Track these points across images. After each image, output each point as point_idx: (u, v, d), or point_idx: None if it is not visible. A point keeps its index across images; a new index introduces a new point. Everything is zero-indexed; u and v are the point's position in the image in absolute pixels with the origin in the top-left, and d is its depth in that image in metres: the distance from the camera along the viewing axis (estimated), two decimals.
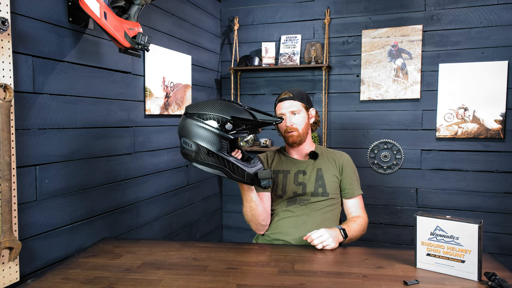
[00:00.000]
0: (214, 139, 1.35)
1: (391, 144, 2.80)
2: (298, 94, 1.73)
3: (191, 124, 1.37)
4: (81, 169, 1.68)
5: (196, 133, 1.36)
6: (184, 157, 1.44)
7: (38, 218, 1.45)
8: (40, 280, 1.24)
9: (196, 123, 1.36)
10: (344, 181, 1.75)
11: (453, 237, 1.23)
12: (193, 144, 1.36)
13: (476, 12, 2.60)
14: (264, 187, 1.44)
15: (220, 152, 1.35)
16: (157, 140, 2.28)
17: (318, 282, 1.21)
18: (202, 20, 2.87)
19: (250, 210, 1.61)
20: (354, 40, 2.86)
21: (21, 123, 1.38)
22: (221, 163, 1.37)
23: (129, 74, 2.01)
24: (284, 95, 1.74)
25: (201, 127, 1.35)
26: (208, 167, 1.39)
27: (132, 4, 1.60)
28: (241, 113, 1.36)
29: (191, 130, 1.37)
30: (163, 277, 1.25)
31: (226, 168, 1.38)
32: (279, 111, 1.74)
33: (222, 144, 1.35)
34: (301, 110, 1.72)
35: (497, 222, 2.60)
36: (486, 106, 2.56)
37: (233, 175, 1.39)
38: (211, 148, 1.35)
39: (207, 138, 1.35)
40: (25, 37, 1.39)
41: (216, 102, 1.40)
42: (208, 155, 1.36)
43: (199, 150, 1.36)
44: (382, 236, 2.85)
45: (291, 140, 1.72)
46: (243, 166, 1.40)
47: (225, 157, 1.36)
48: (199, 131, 1.35)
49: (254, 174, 1.42)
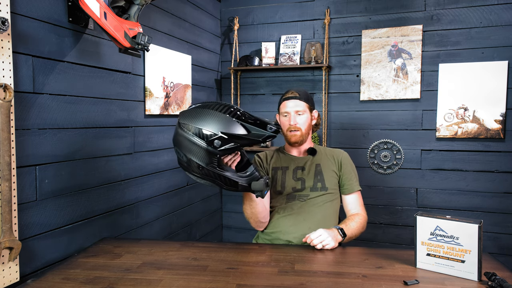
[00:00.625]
0: (203, 154, 1.30)
1: (391, 144, 2.80)
2: (304, 95, 1.75)
3: (182, 136, 1.33)
4: (81, 169, 1.68)
5: (186, 146, 1.32)
6: (180, 166, 1.42)
7: (38, 218, 1.45)
8: (40, 280, 1.23)
9: (186, 135, 1.31)
10: (343, 177, 1.76)
11: (453, 237, 1.23)
12: (184, 156, 1.34)
13: (476, 12, 2.60)
14: (258, 197, 1.42)
15: (209, 166, 1.31)
16: (157, 140, 2.28)
17: (318, 282, 1.21)
18: (202, 20, 2.87)
19: (250, 208, 1.62)
20: (354, 40, 2.86)
21: (21, 123, 1.38)
22: (211, 176, 1.33)
23: (129, 74, 2.01)
24: (290, 94, 1.75)
25: (189, 141, 1.30)
26: (201, 179, 1.37)
27: (132, 4, 1.60)
28: (233, 128, 1.27)
29: (181, 142, 1.33)
30: (163, 277, 1.25)
31: (218, 181, 1.35)
32: (284, 109, 1.75)
33: (212, 159, 1.30)
34: (306, 111, 1.74)
35: (497, 222, 2.60)
36: (486, 106, 2.56)
37: (225, 186, 1.36)
38: (200, 162, 1.31)
39: (195, 152, 1.30)
40: (25, 37, 1.39)
41: (208, 113, 1.30)
42: (198, 168, 1.32)
43: (190, 163, 1.34)
44: (382, 236, 2.85)
45: (294, 140, 1.73)
46: (236, 178, 1.35)
47: (215, 171, 1.32)
48: (188, 144, 1.31)
49: (247, 184, 1.38)
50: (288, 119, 1.73)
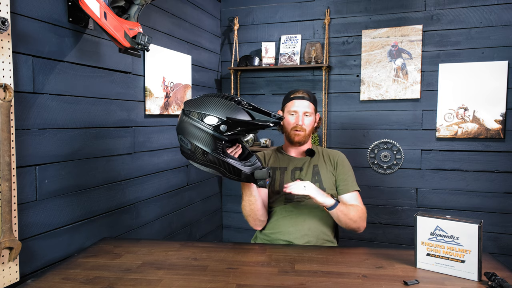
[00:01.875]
0: (209, 140, 1.32)
1: (391, 144, 2.80)
2: (313, 97, 1.78)
3: (187, 122, 1.35)
4: (81, 169, 1.68)
5: (191, 132, 1.33)
6: (182, 155, 1.43)
7: (38, 218, 1.45)
8: (40, 280, 1.24)
9: (192, 122, 1.33)
10: (338, 177, 1.75)
11: (453, 237, 1.23)
12: (188, 143, 1.35)
13: (476, 12, 2.60)
14: (261, 187, 1.43)
15: (214, 152, 1.33)
16: (157, 140, 2.28)
17: (318, 282, 1.21)
18: (202, 20, 2.87)
19: (249, 205, 1.62)
20: (354, 40, 2.86)
21: (21, 123, 1.38)
22: (217, 163, 1.35)
23: (129, 74, 2.01)
24: (301, 93, 1.75)
25: (195, 127, 1.32)
26: (204, 166, 1.38)
27: (132, 4, 1.60)
28: (238, 114, 1.31)
29: (186, 128, 1.35)
30: (163, 277, 1.25)
31: (222, 168, 1.36)
32: (292, 108, 1.74)
33: (217, 145, 1.32)
34: (312, 113, 1.76)
35: (497, 222, 2.60)
36: (486, 106, 2.56)
37: (229, 174, 1.37)
38: (205, 148, 1.32)
39: (201, 138, 1.32)
40: (25, 37, 1.39)
41: (213, 100, 1.34)
42: (203, 155, 1.34)
43: (194, 150, 1.35)
44: (382, 236, 2.85)
45: (297, 139, 1.73)
46: (240, 166, 1.37)
47: (220, 157, 1.34)
48: (194, 130, 1.33)
49: (250, 173, 1.39)
50: (295, 118, 1.73)
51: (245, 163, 1.40)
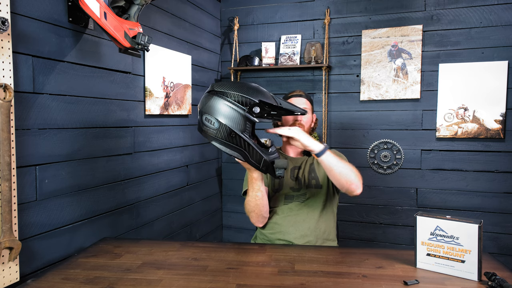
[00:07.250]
0: (239, 120, 1.33)
1: (391, 144, 2.80)
2: (309, 97, 1.86)
3: (218, 101, 1.34)
4: (81, 169, 1.68)
5: (221, 111, 1.33)
6: (202, 134, 1.41)
7: (38, 218, 1.45)
8: (40, 280, 1.23)
9: (224, 101, 1.33)
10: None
11: (453, 237, 1.23)
12: (216, 122, 1.34)
13: (476, 12, 2.60)
14: (278, 177, 1.43)
15: (243, 133, 1.34)
16: (157, 140, 2.28)
17: (318, 282, 1.21)
18: (202, 20, 2.87)
19: (255, 200, 1.61)
20: (354, 40, 2.86)
21: (21, 123, 1.38)
22: (241, 145, 1.36)
23: (129, 74, 2.01)
24: (298, 92, 1.83)
25: (228, 106, 1.33)
26: (226, 147, 1.37)
27: (132, 4, 1.60)
28: (268, 98, 1.35)
29: (216, 107, 1.34)
30: (163, 277, 1.25)
31: (245, 151, 1.37)
32: None
33: (246, 126, 1.34)
34: (309, 111, 1.79)
35: (497, 222, 2.60)
36: (486, 106, 2.56)
37: (250, 159, 1.38)
38: (235, 128, 1.33)
39: (232, 117, 1.33)
40: (25, 37, 1.39)
41: (244, 85, 1.37)
42: (230, 135, 1.34)
43: (220, 129, 1.34)
44: (382, 236, 2.85)
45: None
46: (262, 153, 1.38)
47: (246, 139, 1.35)
48: (225, 109, 1.33)
49: (270, 162, 1.40)
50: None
51: (266, 150, 1.41)
